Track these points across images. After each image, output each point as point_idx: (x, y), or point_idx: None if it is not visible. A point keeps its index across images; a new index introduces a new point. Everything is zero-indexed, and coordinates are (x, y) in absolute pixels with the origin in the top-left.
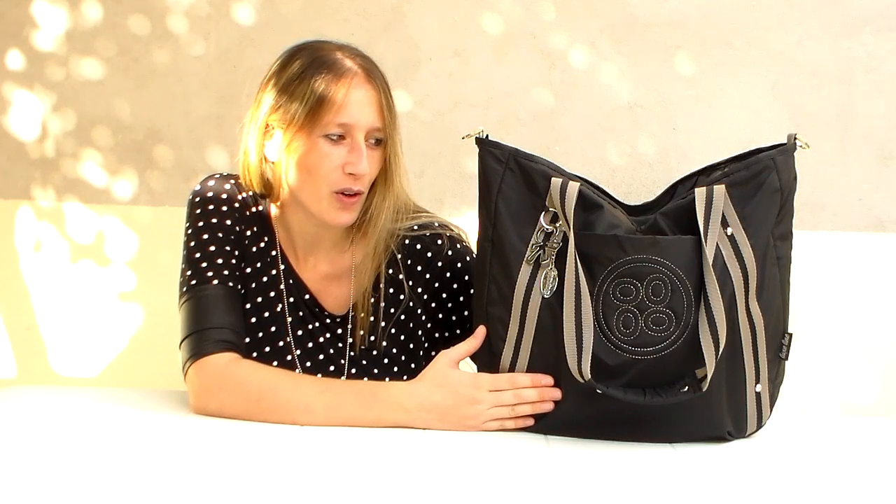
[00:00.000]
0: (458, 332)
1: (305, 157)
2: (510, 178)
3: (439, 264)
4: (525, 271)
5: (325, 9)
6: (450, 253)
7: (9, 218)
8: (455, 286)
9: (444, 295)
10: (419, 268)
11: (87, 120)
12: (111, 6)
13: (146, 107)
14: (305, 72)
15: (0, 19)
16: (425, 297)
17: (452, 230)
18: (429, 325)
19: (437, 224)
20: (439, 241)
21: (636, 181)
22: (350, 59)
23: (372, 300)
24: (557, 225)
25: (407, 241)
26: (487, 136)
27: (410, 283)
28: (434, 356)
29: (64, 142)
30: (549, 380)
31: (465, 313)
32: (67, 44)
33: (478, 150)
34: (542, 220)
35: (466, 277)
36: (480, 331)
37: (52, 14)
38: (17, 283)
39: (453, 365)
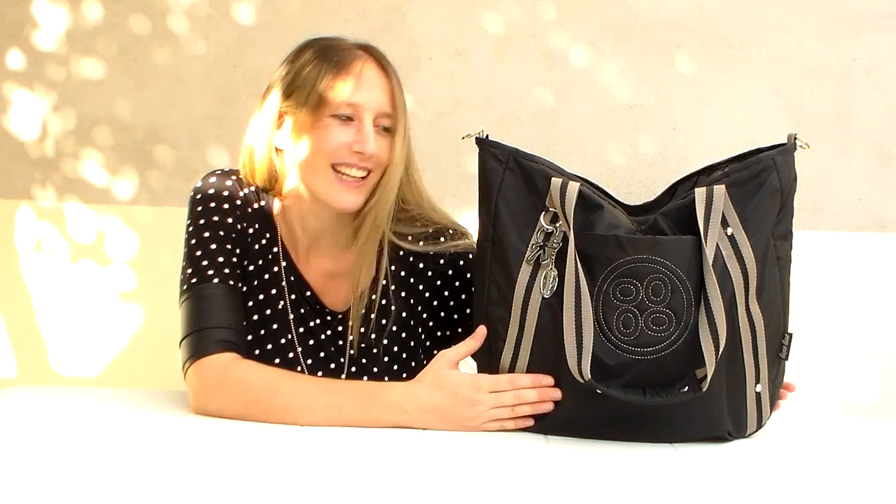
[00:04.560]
0: (459, 330)
1: (312, 134)
2: (510, 178)
3: (441, 262)
4: (525, 271)
5: (325, 9)
6: (453, 251)
7: (9, 218)
8: (458, 284)
9: (447, 293)
10: (421, 265)
11: (87, 120)
12: (111, 6)
13: (146, 107)
14: (317, 58)
15: (0, 19)
16: (427, 294)
17: (456, 228)
18: (430, 324)
19: (442, 222)
20: (442, 239)
21: (636, 181)
22: (361, 49)
23: (372, 297)
24: (557, 225)
25: (410, 239)
26: (487, 136)
27: (412, 280)
28: (435, 354)
29: (64, 142)
30: (549, 380)
31: (467, 311)
32: (68, 43)
33: (478, 150)
34: (542, 220)
35: (469, 276)
36: (480, 331)
37: (53, 14)
38: (17, 283)
39: (452, 366)
